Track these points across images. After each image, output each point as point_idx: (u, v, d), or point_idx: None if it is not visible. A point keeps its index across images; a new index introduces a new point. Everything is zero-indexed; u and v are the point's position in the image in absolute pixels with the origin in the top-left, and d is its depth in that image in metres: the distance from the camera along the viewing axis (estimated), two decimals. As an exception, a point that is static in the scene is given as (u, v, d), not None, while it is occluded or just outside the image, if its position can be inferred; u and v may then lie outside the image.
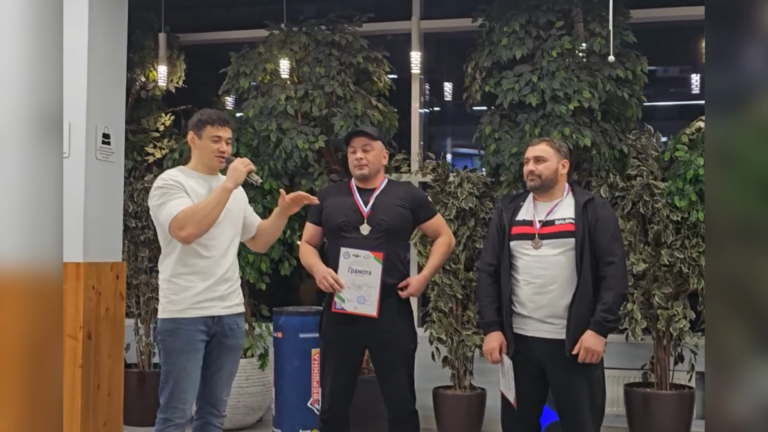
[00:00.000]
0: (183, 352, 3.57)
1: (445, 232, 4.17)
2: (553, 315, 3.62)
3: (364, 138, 4.03)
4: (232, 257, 3.73)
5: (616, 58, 5.10)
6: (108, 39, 5.00)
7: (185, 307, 3.59)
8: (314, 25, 6.06)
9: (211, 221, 3.55)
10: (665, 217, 5.23)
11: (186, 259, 3.61)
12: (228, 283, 3.69)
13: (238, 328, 3.76)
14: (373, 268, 3.88)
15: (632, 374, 5.60)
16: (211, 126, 3.70)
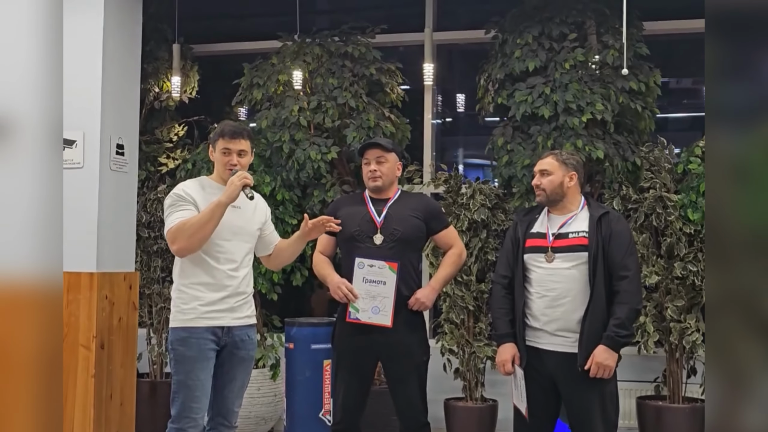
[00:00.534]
0: (195, 361, 3.58)
1: (457, 244, 4.16)
2: (565, 328, 3.61)
3: (378, 150, 4.03)
4: (245, 270, 3.72)
5: (629, 70, 5.09)
6: (122, 50, 5.03)
7: (195, 316, 3.60)
8: (327, 36, 6.08)
9: (202, 236, 3.53)
10: (678, 229, 5.21)
11: (196, 270, 3.63)
12: (240, 297, 3.68)
13: (249, 340, 3.75)
14: (387, 278, 3.88)
15: (645, 387, 5.57)
16: (222, 138, 3.71)
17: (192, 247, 3.56)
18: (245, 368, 3.76)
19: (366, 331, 3.91)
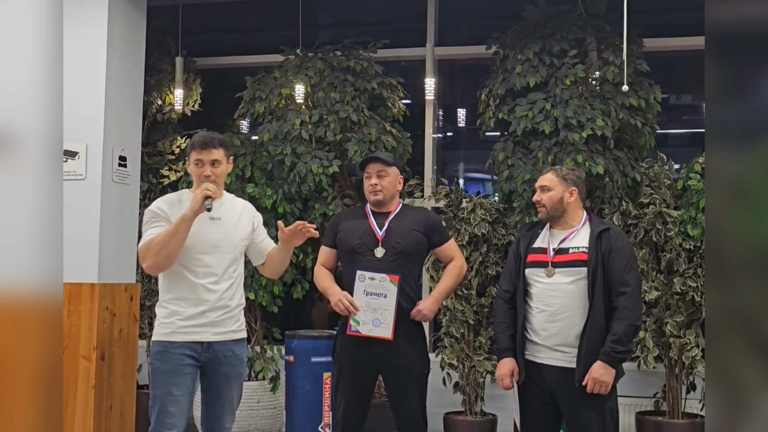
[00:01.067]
0: (170, 375, 3.53)
1: (458, 256, 4.18)
2: (564, 343, 3.62)
3: (379, 164, 4.05)
4: (227, 284, 3.63)
5: (630, 86, 5.13)
6: (126, 63, 5.06)
7: (172, 330, 3.55)
8: (329, 50, 6.12)
9: (169, 252, 3.46)
10: (678, 245, 5.23)
11: (174, 284, 3.59)
12: (222, 310, 3.60)
13: (233, 355, 3.65)
14: (389, 291, 3.90)
15: (644, 402, 5.57)
16: (194, 150, 3.65)
17: (160, 263, 3.50)
18: (231, 385, 3.68)
19: (367, 344, 3.92)
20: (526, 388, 3.70)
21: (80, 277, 4.68)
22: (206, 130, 3.81)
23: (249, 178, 5.94)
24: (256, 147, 6.06)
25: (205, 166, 3.62)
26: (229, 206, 3.73)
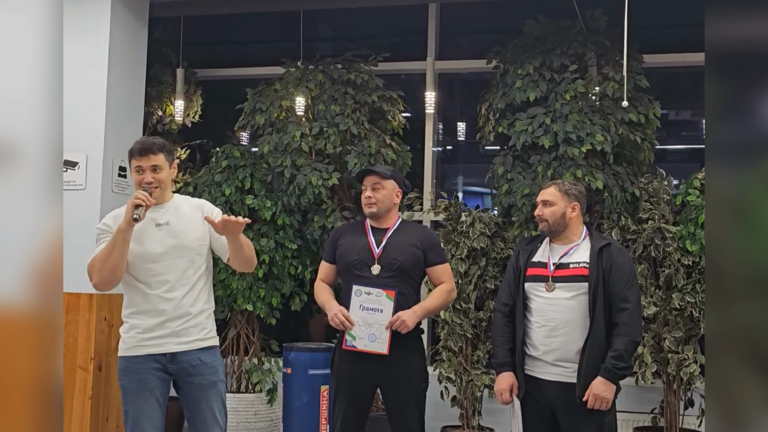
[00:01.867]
0: (137, 391, 3.47)
1: (449, 281, 4.11)
2: (564, 359, 3.62)
3: (375, 177, 4.06)
4: (184, 290, 3.51)
5: (629, 102, 5.14)
6: (127, 74, 5.08)
7: (133, 344, 3.49)
8: (330, 63, 6.13)
9: (112, 267, 3.38)
10: (676, 260, 5.23)
11: (131, 298, 3.53)
12: (183, 319, 3.49)
13: (203, 365, 3.53)
14: (384, 306, 3.89)
15: (642, 418, 5.56)
16: (132, 158, 3.55)
17: (106, 279, 3.43)
18: (208, 396, 3.54)
19: (364, 358, 3.91)
20: (525, 403, 3.70)
21: (78, 287, 4.67)
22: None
23: (248, 190, 5.95)
24: (255, 159, 6.07)
25: (145, 173, 3.51)
26: (176, 209, 3.59)
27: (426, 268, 4.07)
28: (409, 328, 3.89)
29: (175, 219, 3.55)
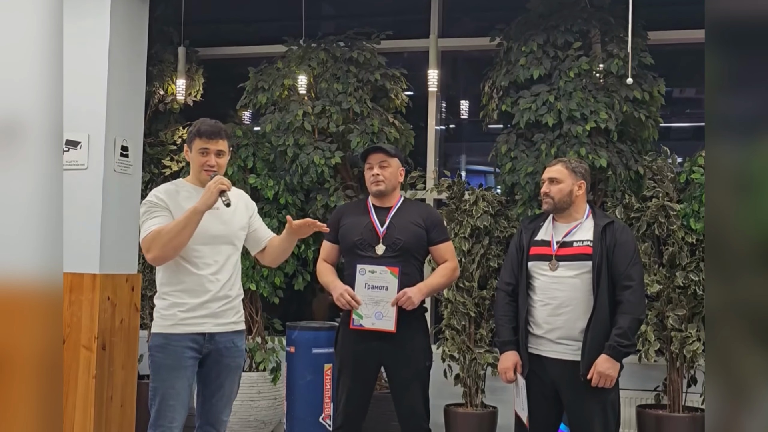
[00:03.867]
0: (172, 369, 3.49)
1: (452, 259, 4.12)
2: (567, 337, 3.62)
3: (381, 154, 4.05)
4: (228, 274, 3.60)
5: (633, 79, 5.11)
6: (128, 52, 5.05)
7: (174, 322, 3.51)
8: (332, 41, 6.10)
9: (177, 244, 3.43)
10: (680, 238, 5.22)
11: (175, 276, 3.54)
12: (223, 301, 3.57)
13: (234, 347, 3.62)
14: (389, 283, 3.90)
15: (645, 396, 5.57)
16: (199, 138, 3.59)
17: (167, 255, 3.46)
18: (232, 377, 3.64)
19: (369, 337, 3.92)
20: (528, 381, 3.70)
21: (82, 267, 4.67)
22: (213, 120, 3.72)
23: (251, 169, 5.93)
24: (258, 138, 6.05)
25: (209, 156, 3.57)
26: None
27: (429, 246, 4.07)
28: (414, 305, 3.90)
29: (224, 207, 3.58)
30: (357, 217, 4.05)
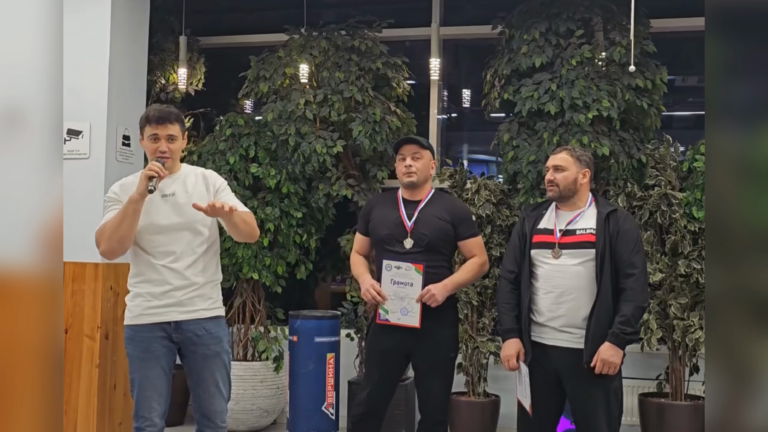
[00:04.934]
0: (142, 360, 3.47)
1: (481, 254, 4.08)
2: (570, 325, 3.62)
3: (415, 146, 4.03)
4: (189, 261, 3.50)
5: (636, 67, 5.09)
6: (129, 42, 5.04)
7: (138, 313, 3.49)
8: (334, 30, 6.08)
9: (120, 236, 3.37)
10: (683, 227, 5.22)
11: (137, 267, 3.52)
12: (187, 289, 3.49)
13: (207, 334, 3.54)
14: (414, 280, 3.89)
15: (647, 384, 5.58)
16: (149, 125, 3.49)
17: (113, 248, 3.41)
18: (212, 365, 3.56)
19: (396, 331, 3.93)
20: (531, 369, 3.70)
21: (84, 256, 4.68)
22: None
23: (253, 158, 5.93)
24: (259, 127, 6.04)
25: (160, 142, 3.48)
26: (183, 180, 3.58)
27: (457, 242, 4.05)
28: (438, 302, 3.89)
29: (181, 190, 3.53)
30: (386, 210, 4.04)
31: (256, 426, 5.92)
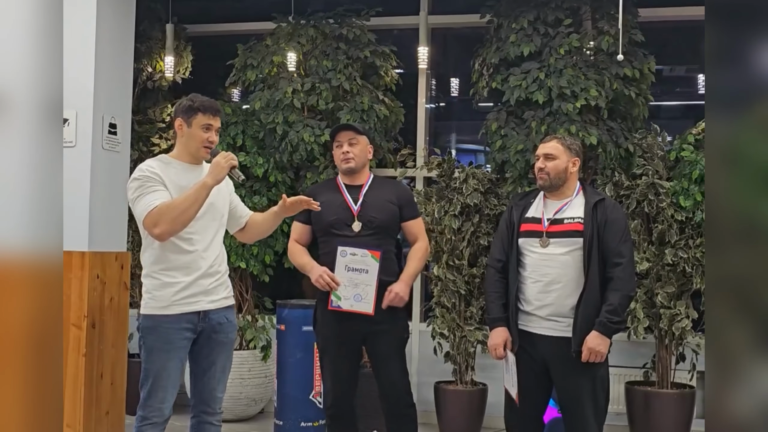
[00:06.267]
0: (163, 351, 3.46)
1: (423, 237, 4.15)
2: (557, 314, 3.63)
3: (350, 132, 4.08)
4: (216, 250, 3.59)
5: (624, 56, 5.10)
6: (115, 29, 5.00)
7: (167, 303, 3.46)
8: (322, 18, 6.06)
9: (186, 219, 3.39)
10: (670, 216, 5.23)
11: (167, 254, 3.48)
12: (213, 277, 3.55)
13: (227, 323, 3.61)
14: (370, 267, 3.91)
15: (634, 372, 5.61)
16: (203, 114, 3.51)
17: (175, 230, 3.41)
18: (225, 352, 3.64)
19: (347, 318, 3.93)
20: (518, 357, 3.71)
21: (70, 245, 4.64)
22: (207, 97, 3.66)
23: (240, 147, 5.91)
24: (247, 115, 6.02)
25: (212, 132, 3.54)
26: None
27: (401, 223, 4.08)
28: (405, 300, 3.96)
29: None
30: (329, 196, 4.04)
31: (244, 415, 5.92)
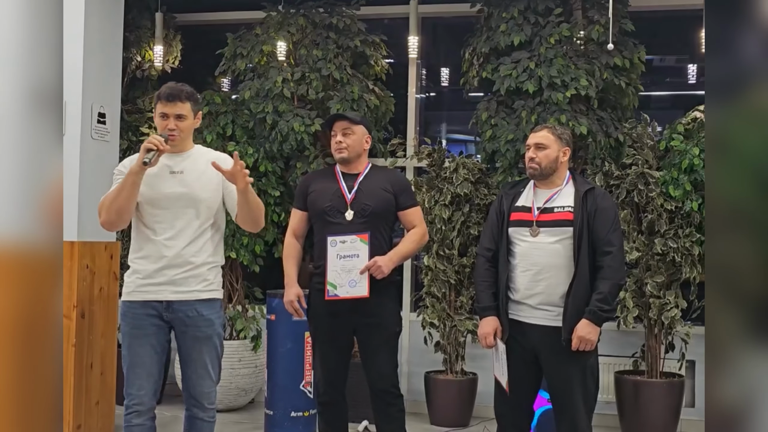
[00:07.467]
0: (134, 337, 3.47)
1: (421, 225, 4.13)
2: (547, 302, 3.63)
3: (345, 122, 4.05)
4: (187, 240, 3.48)
5: (614, 46, 5.10)
6: (104, 18, 4.97)
7: (132, 289, 3.50)
8: (312, 7, 6.04)
9: (118, 208, 3.37)
10: (659, 206, 5.25)
11: (137, 242, 3.52)
12: (182, 268, 3.47)
13: (199, 316, 3.50)
14: (360, 250, 3.91)
15: (623, 362, 5.63)
16: (159, 102, 3.52)
17: (111, 219, 3.42)
18: (202, 348, 3.53)
19: (341, 309, 3.93)
20: (508, 346, 3.72)
21: (59, 234, 4.63)
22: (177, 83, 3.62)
23: (230, 137, 5.89)
24: (237, 105, 6.00)
25: (169, 120, 3.49)
26: (194, 160, 3.57)
27: (398, 212, 4.08)
28: (384, 274, 3.91)
29: (191, 168, 3.53)
30: (325, 183, 4.05)
31: (234, 405, 5.93)
